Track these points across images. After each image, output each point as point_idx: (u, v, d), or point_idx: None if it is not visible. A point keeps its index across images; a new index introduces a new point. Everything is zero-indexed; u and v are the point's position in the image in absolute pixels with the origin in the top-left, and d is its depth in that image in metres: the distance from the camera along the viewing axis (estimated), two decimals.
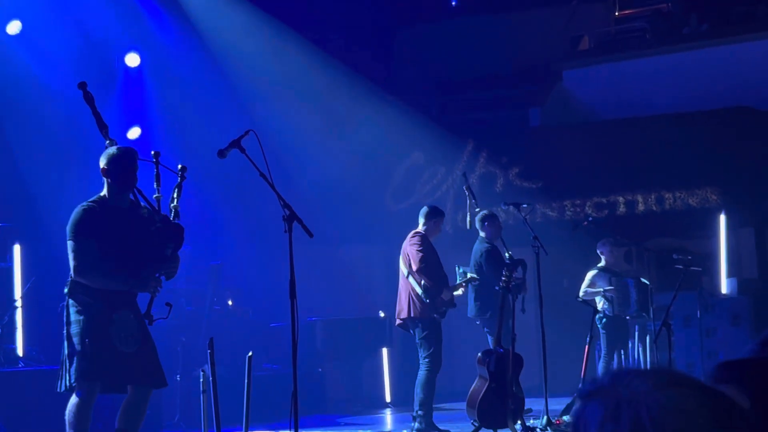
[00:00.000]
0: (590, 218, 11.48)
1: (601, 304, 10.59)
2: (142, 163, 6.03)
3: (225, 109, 12.14)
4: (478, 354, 8.60)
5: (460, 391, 9.38)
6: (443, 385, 10.06)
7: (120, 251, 5.85)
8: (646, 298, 10.38)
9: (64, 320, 5.88)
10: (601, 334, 10.63)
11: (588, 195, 13.53)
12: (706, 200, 13.02)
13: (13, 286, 9.56)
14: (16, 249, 9.72)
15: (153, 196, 6.04)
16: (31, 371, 8.75)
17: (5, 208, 9.97)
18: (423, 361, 8.92)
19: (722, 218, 12.76)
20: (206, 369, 6.03)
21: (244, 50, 12.53)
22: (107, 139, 6.04)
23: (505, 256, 9.11)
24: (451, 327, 10.39)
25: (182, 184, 6.11)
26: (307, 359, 10.77)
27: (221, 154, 5.73)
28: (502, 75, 15.18)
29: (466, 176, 10.09)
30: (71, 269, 5.81)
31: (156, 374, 6.04)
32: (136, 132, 11.60)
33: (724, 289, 12.37)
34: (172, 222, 5.99)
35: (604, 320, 10.55)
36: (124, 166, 5.89)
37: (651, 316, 10.23)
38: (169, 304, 6.03)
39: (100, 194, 5.95)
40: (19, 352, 9.35)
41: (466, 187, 9.71)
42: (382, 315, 12.30)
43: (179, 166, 6.10)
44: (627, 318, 10.71)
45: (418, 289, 8.88)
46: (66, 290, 5.89)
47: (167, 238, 5.93)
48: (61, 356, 5.88)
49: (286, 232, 5.55)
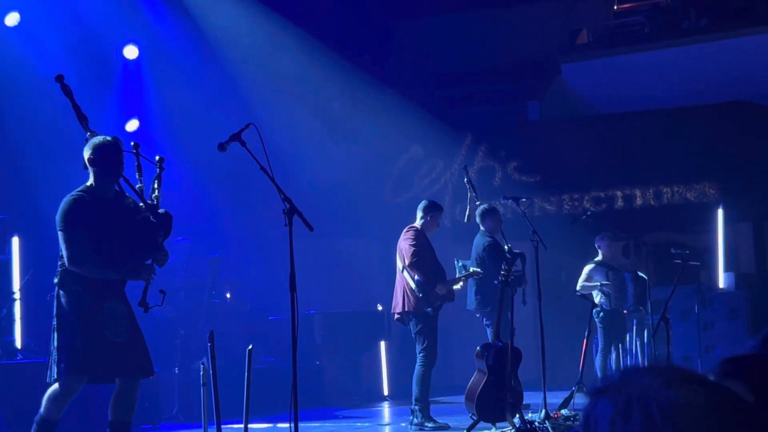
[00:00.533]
0: (588, 212, 11.48)
1: (598, 298, 10.61)
2: (125, 153, 6.02)
3: (223, 102, 12.12)
4: (477, 348, 8.60)
5: (459, 385, 9.38)
6: (442, 379, 10.07)
7: (109, 240, 5.85)
8: (644, 292, 10.39)
9: (54, 312, 5.87)
10: (599, 328, 10.65)
11: (586, 189, 13.53)
12: (704, 195, 13.03)
13: (12, 279, 9.56)
14: (15, 241, 9.72)
15: (136, 186, 6.05)
16: (30, 363, 8.73)
17: (4, 200, 9.96)
18: (418, 356, 8.95)
19: (720, 213, 12.77)
20: (206, 362, 6.03)
21: (243, 42, 12.51)
22: (87, 131, 6.03)
23: (505, 249, 9.11)
24: (450, 321, 10.40)
25: (161, 175, 6.11)
26: (305, 352, 10.76)
27: (222, 147, 5.71)
28: (500, 69, 15.16)
29: (467, 170, 10.05)
30: (65, 259, 5.81)
31: (145, 364, 6.05)
32: (134, 124, 11.59)
33: (721, 284, 12.39)
34: (159, 211, 5.97)
35: (602, 314, 10.57)
36: (110, 156, 5.87)
37: (648, 310, 10.25)
38: (162, 291, 6.02)
39: (87, 184, 5.94)
40: (18, 344, 9.36)
41: (467, 181, 9.67)
42: (380, 308, 12.30)
43: (157, 157, 6.10)
44: (624, 312, 10.73)
45: (412, 284, 8.89)
46: (56, 280, 5.88)
47: (156, 227, 5.93)
48: (50, 347, 5.86)
49: (286, 225, 5.55)
